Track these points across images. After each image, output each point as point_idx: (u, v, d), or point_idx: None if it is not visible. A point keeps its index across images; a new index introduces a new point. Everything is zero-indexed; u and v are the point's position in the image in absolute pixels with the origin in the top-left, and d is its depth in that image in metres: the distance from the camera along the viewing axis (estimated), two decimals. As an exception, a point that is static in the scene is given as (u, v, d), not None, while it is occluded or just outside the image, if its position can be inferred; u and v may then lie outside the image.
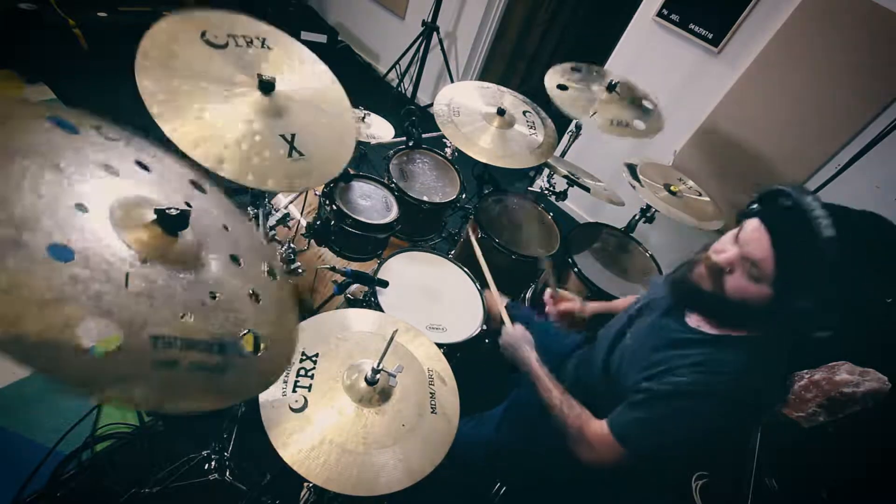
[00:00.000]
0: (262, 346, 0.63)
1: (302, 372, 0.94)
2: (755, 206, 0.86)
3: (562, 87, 1.87)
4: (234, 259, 0.69)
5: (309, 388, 0.92)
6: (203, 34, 1.02)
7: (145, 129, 0.77)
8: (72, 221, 0.53)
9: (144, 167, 0.68)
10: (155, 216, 0.59)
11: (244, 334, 0.61)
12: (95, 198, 0.57)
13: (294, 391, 0.90)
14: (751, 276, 0.82)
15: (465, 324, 1.41)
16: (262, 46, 1.13)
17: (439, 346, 1.14)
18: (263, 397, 0.87)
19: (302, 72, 1.18)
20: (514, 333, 1.22)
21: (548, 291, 1.42)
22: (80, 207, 0.55)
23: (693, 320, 0.98)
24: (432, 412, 0.96)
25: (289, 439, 0.83)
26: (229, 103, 0.99)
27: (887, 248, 0.77)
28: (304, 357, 0.97)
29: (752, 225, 0.83)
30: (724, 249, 0.87)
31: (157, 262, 0.57)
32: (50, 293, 0.46)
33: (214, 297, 0.61)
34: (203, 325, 0.57)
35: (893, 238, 0.78)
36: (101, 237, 0.54)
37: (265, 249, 0.83)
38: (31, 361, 0.43)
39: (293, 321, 0.76)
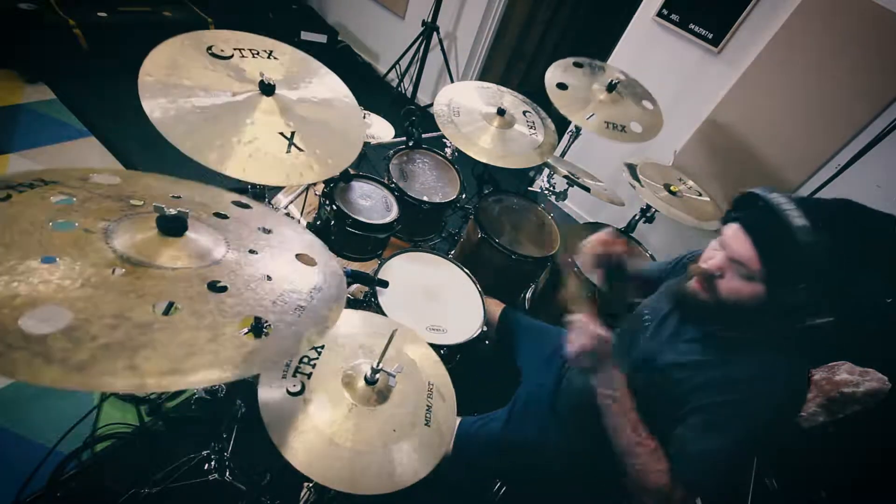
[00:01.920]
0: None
1: (305, 360, 0.96)
2: (731, 212, 0.91)
3: (561, 87, 1.87)
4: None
5: (309, 375, 0.94)
6: (209, 48, 1.08)
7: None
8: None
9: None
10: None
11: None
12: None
13: (294, 375, 0.93)
14: (742, 276, 0.86)
15: (466, 325, 1.41)
16: (269, 57, 1.18)
17: (440, 347, 1.14)
18: (263, 377, 0.90)
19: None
20: (605, 335, 0.93)
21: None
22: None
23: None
24: (426, 424, 0.95)
25: (279, 420, 0.85)
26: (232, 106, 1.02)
27: (862, 231, 0.80)
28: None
29: (732, 228, 0.87)
30: (712, 256, 0.91)
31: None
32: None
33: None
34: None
35: (866, 220, 0.81)
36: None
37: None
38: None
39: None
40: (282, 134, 1.04)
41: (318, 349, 0.99)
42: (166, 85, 0.96)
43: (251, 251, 0.73)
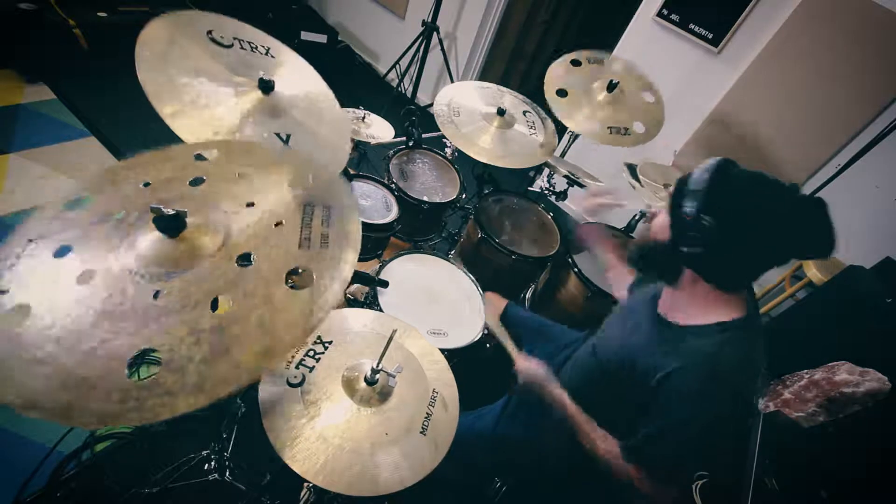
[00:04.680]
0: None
1: (311, 353, 0.96)
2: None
3: (561, 93, 1.86)
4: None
5: (311, 369, 0.94)
6: (209, 32, 1.06)
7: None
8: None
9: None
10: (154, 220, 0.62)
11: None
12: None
13: (297, 367, 0.93)
14: (666, 211, 0.94)
15: (467, 328, 1.41)
16: (266, 54, 1.17)
17: (440, 351, 1.13)
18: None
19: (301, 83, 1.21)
20: (537, 371, 1.12)
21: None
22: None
23: (666, 310, 1.01)
24: (421, 432, 0.93)
25: (274, 409, 0.86)
26: (228, 98, 1.01)
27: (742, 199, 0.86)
28: (317, 340, 0.98)
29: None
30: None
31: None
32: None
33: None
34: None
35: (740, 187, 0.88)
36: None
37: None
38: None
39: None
40: (277, 135, 1.04)
41: (326, 344, 0.99)
42: (173, 88, 0.94)
43: (249, 204, 0.71)
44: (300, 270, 0.63)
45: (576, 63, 1.94)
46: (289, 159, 0.82)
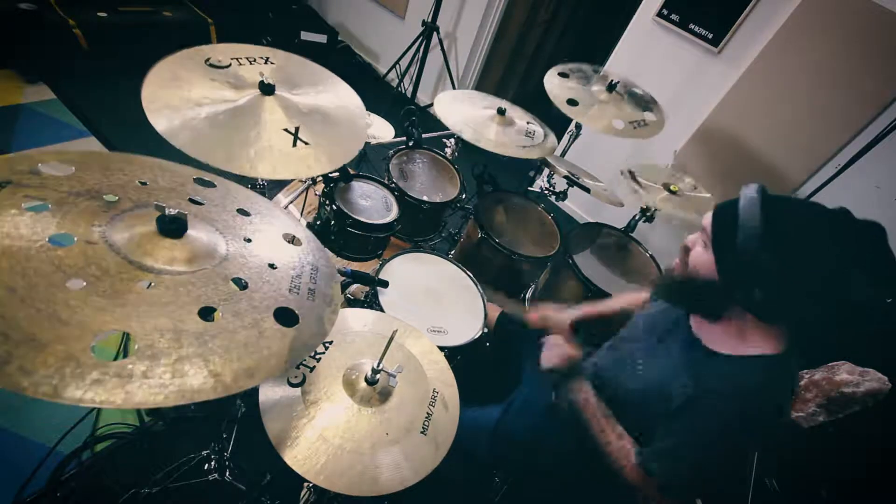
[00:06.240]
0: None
1: (311, 353, 0.96)
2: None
3: (572, 103, 1.85)
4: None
5: (311, 369, 0.94)
6: (207, 60, 1.10)
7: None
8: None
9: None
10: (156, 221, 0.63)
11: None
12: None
13: (297, 367, 0.93)
14: (704, 245, 0.89)
15: (467, 326, 1.41)
16: (266, 63, 1.21)
17: (441, 348, 1.13)
18: None
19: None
20: (572, 356, 1.08)
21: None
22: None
23: (700, 333, 0.98)
24: (422, 432, 0.93)
25: (274, 409, 0.86)
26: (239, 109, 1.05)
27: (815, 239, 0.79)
28: None
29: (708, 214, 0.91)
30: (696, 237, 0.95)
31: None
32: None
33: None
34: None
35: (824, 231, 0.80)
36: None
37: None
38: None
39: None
40: (286, 130, 1.05)
41: (326, 344, 0.99)
42: (169, 101, 0.98)
43: (246, 239, 0.74)
44: (291, 311, 0.66)
45: (563, 75, 1.97)
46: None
